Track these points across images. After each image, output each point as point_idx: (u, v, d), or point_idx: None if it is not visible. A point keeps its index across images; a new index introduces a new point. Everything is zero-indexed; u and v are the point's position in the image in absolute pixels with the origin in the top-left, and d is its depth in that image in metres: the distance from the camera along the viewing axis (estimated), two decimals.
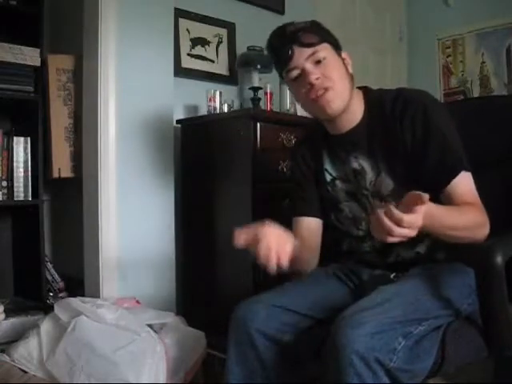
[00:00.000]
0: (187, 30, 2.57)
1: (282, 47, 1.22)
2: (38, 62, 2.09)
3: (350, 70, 1.29)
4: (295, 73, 1.22)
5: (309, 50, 1.20)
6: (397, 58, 3.72)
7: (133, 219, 2.07)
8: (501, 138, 1.41)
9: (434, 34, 3.59)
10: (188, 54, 2.58)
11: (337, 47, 1.27)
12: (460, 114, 1.54)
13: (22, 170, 2.12)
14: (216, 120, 2.24)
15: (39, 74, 2.13)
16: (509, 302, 1.06)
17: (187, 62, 2.56)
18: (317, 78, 1.19)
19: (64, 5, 2.45)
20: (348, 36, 3.31)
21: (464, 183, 1.16)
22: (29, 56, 2.07)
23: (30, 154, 2.14)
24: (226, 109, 2.33)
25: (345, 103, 1.23)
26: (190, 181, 2.32)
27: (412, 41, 3.75)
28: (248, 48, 2.54)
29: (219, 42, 2.69)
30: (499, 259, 1.02)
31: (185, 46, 2.56)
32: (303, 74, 1.21)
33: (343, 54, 1.29)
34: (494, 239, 1.10)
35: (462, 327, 1.13)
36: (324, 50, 1.22)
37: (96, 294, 1.98)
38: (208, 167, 2.20)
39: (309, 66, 1.20)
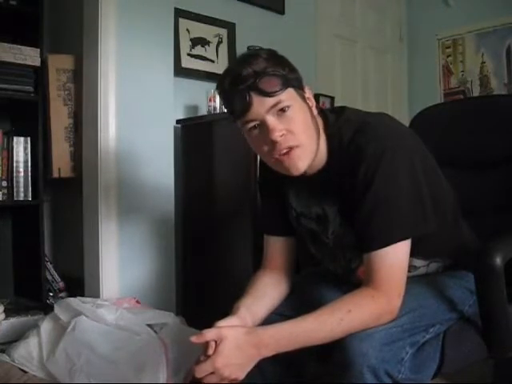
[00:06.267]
0: (187, 29, 2.57)
1: (236, 94, 1.01)
2: (38, 62, 2.09)
3: (315, 111, 1.09)
4: (253, 124, 1.03)
5: (270, 100, 1.00)
6: (397, 58, 3.72)
7: (133, 219, 2.07)
8: (501, 138, 1.41)
9: (434, 34, 3.59)
10: (188, 54, 2.58)
11: (300, 87, 1.07)
12: (460, 113, 1.55)
13: (22, 169, 2.12)
14: (216, 120, 2.24)
15: (39, 74, 2.13)
16: (508, 303, 1.06)
17: (187, 62, 2.56)
18: (281, 135, 1.01)
19: (64, 5, 2.45)
20: (348, 36, 3.33)
21: (387, 256, 1.00)
22: (29, 56, 2.07)
23: (30, 154, 2.14)
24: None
25: (312, 158, 1.06)
26: (191, 181, 2.32)
27: (412, 41, 3.75)
28: (248, 48, 2.53)
29: (219, 42, 2.69)
30: (498, 260, 1.02)
31: (185, 46, 2.56)
32: (263, 127, 1.02)
33: (306, 93, 1.09)
34: (493, 240, 1.10)
35: (461, 329, 1.12)
36: (288, 99, 1.02)
37: (96, 294, 1.98)
38: (208, 167, 2.20)
39: (271, 119, 1.01)
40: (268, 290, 1.20)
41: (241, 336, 0.98)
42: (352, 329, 0.97)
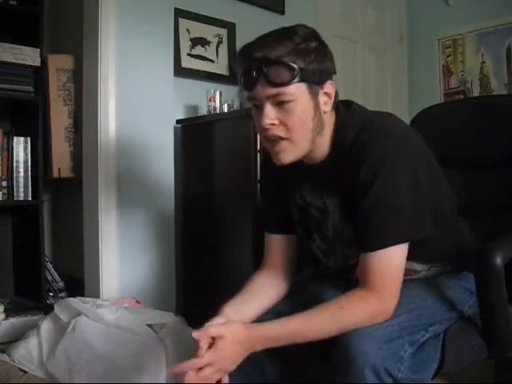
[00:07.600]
0: (187, 29, 2.57)
1: (245, 71, 1.02)
2: (38, 62, 2.10)
3: (328, 108, 1.06)
4: (253, 103, 1.06)
5: (272, 90, 1.00)
6: (397, 58, 3.71)
7: (133, 218, 2.07)
8: (501, 138, 1.41)
9: (434, 34, 3.58)
10: (188, 54, 2.58)
11: (317, 82, 1.03)
12: (460, 113, 1.55)
13: (22, 170, 2.12)
14: (216, 120, 2.24)
15: (39, 74, 2.13)
16: (508, 303, 1.06)
17: (187, 62, 2.56)
18: (271, 124, 1.02)
19: (64, 5, 2.45)
20: (348, 36, 3.33)
21: (384, 258, 1.00)
22: (29, 56, 2.07)
23: (30, 154, 2.14)
24: (225, 109, 2.33)
25: (299, 154, 1.07)
26: (190, 180, 2.32)
27: (412, 41, 3.74)
28: None
29: (219, 42, 2.69)
30: (498, 260, 1.02)
31: (185, 46, 2.56)
32: (261, 110, 1.03)
33: (327, 87, 1.05)
34: (493, 240, 1.10)
35: (462, 329, 1.12)
36: (293, 93, 1.00)
37: (96, 294, 1.98)
38: (208, 167, 2.20)
39: (268, 106, 1.02)
40: (262, 289, 1.20)
41: (238, 331, 0.99)
42: (344, 325, 0.97)
